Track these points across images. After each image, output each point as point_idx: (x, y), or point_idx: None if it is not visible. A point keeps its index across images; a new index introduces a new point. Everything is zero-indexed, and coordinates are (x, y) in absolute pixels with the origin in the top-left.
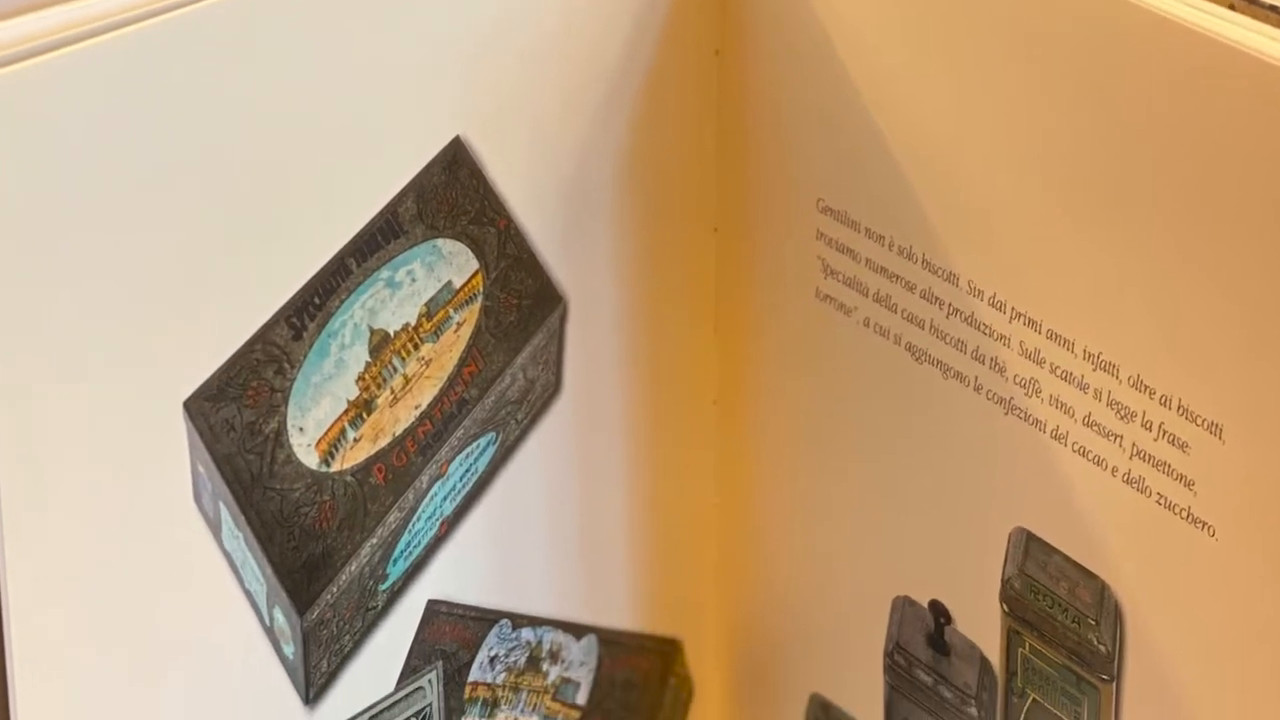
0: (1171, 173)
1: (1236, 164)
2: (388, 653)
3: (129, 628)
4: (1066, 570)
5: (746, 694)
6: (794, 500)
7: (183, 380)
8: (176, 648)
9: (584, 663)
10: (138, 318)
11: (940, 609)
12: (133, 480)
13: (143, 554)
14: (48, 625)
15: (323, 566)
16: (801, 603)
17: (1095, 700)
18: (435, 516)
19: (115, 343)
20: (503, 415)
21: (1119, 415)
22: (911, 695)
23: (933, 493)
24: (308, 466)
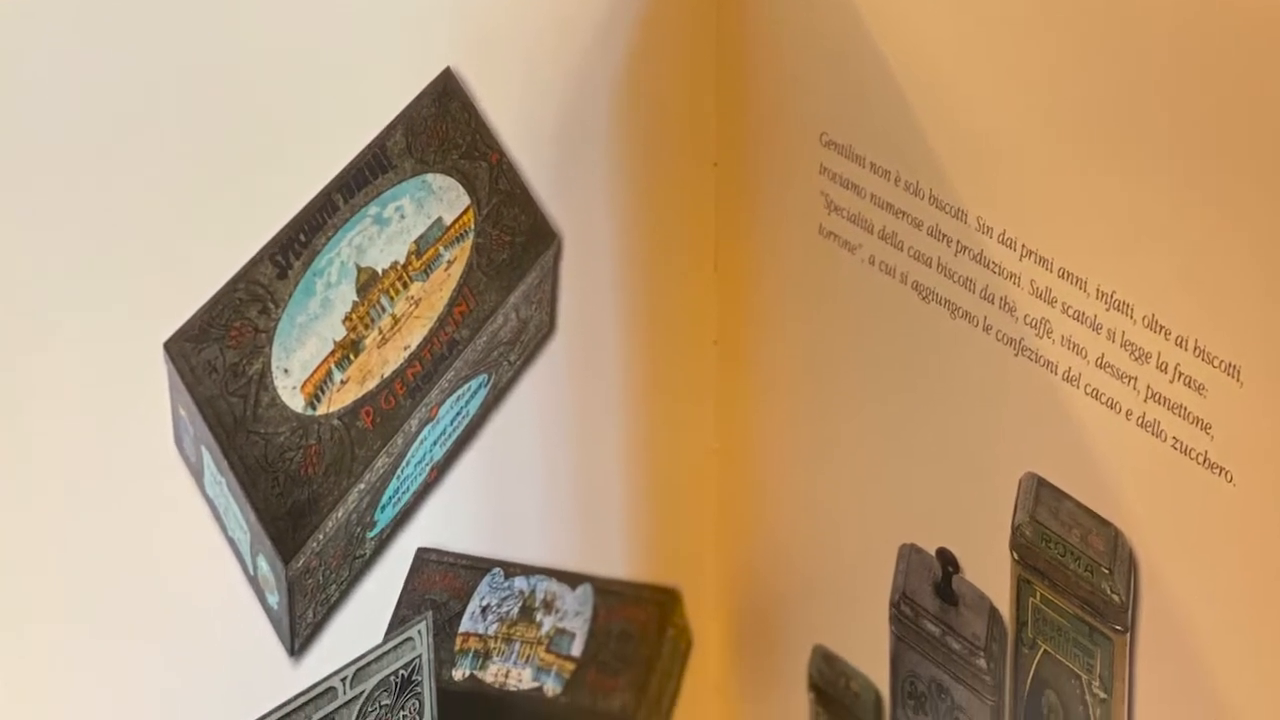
0: (1187, 105)
1: (1255, 96)
2: (376, 603)
3: (107, 577)
4: (1079, 517)
5: (747, 645)
6: (796, 445)
7: (163, 320)
8: (156, 598)
9: (579, 613)
10: (115, 256)
11: (948, 557)
12: (111, 425)
13: (121, 501)
14: (23, 574)
15: (308, 513)
16: (804, 551)
17: (1108, 651)
18: (425, 461)
19: (92, 282)
20: (495, 357)
21: (1133, 356)
22: (918, 646)
23: (940, 437)
24: (293, 409)
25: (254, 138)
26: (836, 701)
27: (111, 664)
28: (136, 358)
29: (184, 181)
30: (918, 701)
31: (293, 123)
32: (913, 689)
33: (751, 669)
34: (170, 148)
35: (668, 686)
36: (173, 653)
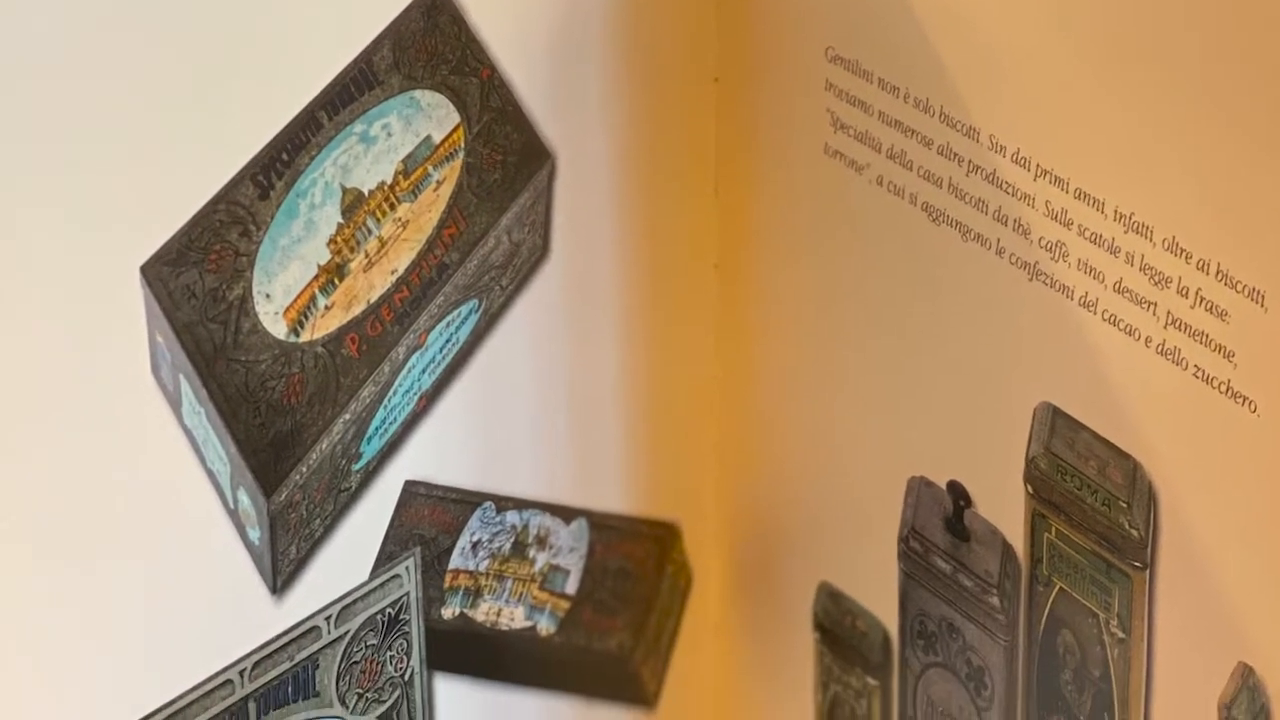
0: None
1: None
2: (362, 538)
3: (81, 511)
4: (1095, 448)
5: (749, 582)
6: (801, 374)
7: (139, 243)
8: (132, 533)
9: (574, 549)
10: (90, 176)
11: (959, 491)
12: (85, 352)
13: (96, 431)
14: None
15: (291, 445)
16: (809, 484)
17: (1127, 589)
18: (413, 391)
19: (65, 203)
20: (486, 281)
21: (1153, 281)
22: (928, 584)
23: (951, 365)
24: (275, 336)
25: (234, 52)
26: (842, 641)
27: (85, 602)
28: (111, 282)
29: (161, 97)
30: (927, 641)
31: (275, 37)
32: (922, 628)
33: (754, 607)
34: (146, 61)
35: (666, 625)
36: (148, 590)
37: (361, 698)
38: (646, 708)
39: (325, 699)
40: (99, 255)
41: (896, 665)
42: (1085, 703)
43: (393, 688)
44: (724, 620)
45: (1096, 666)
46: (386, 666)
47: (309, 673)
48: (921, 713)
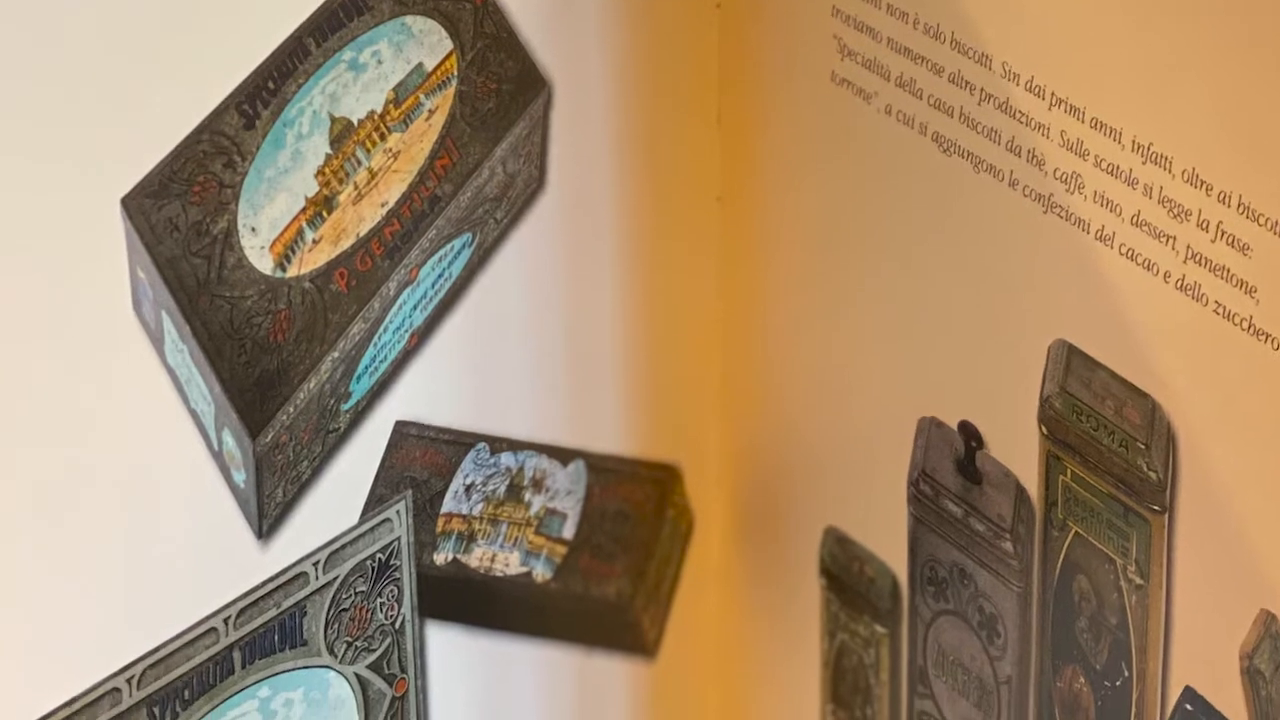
0: None
1: None
2: (351, 481)
3: (59, 453)
4: (1112, 388)
5: (753, 527)
6: (807, 310)
7: (120, 175)
8: (112, 475)
9: (571, 492)
10: (68, 104)
11: (971, 431)
12: (64, 287)
13: (75, 369)
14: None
15: (277, 384)
16: (815, 425)
17: (1145, 533)
18: (404, 328)
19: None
20: (480, 214)
21: (1171, 214)
22: (938, 528)
23: (963, 301)
24: (261, 271)
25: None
26: (850, 588)
27: (62, 547)
28: (91, 215)
29: (142, 23)
30: (938, 588)
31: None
32: (932, 574)
33: (758, 553)
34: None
35: (667, 571)
36: (129, 536)
37: (350, 646)
38: (646, 657)
39: (313, 647)
40: (78, 187)
41: (906, 613)
42: (1101, 651)
43: (383, 636)
44: (727, 566)
45: (1113, 614)
46: (376, 614)
47: (296, 620)
48: (932, 662)
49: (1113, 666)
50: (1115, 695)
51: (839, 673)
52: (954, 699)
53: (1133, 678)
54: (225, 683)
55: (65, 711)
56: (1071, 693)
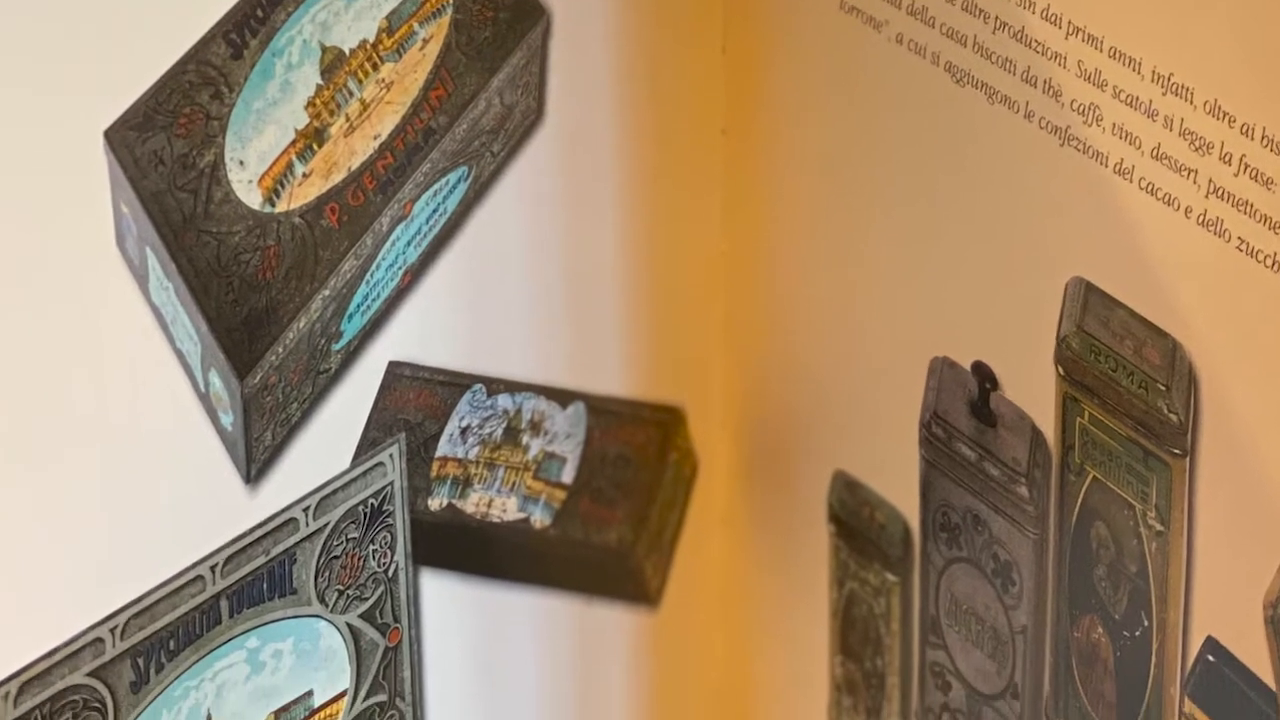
0: None
1: None
2: (342, 423)
3: (39, 395)
4: (1132, 327)
5: (759, 471)
6: (815, 247)
7: (103, 107)
8: (95, 418)
9: (570, 435)
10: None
11: (985, 372)
12: (45, 223)
13: (57, 308)
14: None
15: (266, 323)
16: (823, 365)
17: (1165, 478)
18: (397, 265)
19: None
20: (476, 147)
21: (1193, 146)
22: (951, 472)
23: (976, 237)
24: (249, 206)
25: None
26: (860, 534)
27: (44, 493)
28: (73, 148)
29: None
30: (951, 534)
31: None
32: (945, 520)
33: (764, 498)
34: None
35: (670, 517)
36: (112, 480)
37: (342, 595)
38: (648, 605)
39: (303, 596)
40: (59, 119)
41: (917, 560)
42: (1120, 600)
43: (375, 584)
44: (732, 512)
45: (1133, 562)
46: (369, 561)
47: (285, 568)
48: (944, 611)
49: (1132, 616)
50: (1134, 645)
51: (848, 623)
52: (967, 650)
53: (1152, 627)
54: (212, 633)
55: (45, 663)
56: (1089, 643)
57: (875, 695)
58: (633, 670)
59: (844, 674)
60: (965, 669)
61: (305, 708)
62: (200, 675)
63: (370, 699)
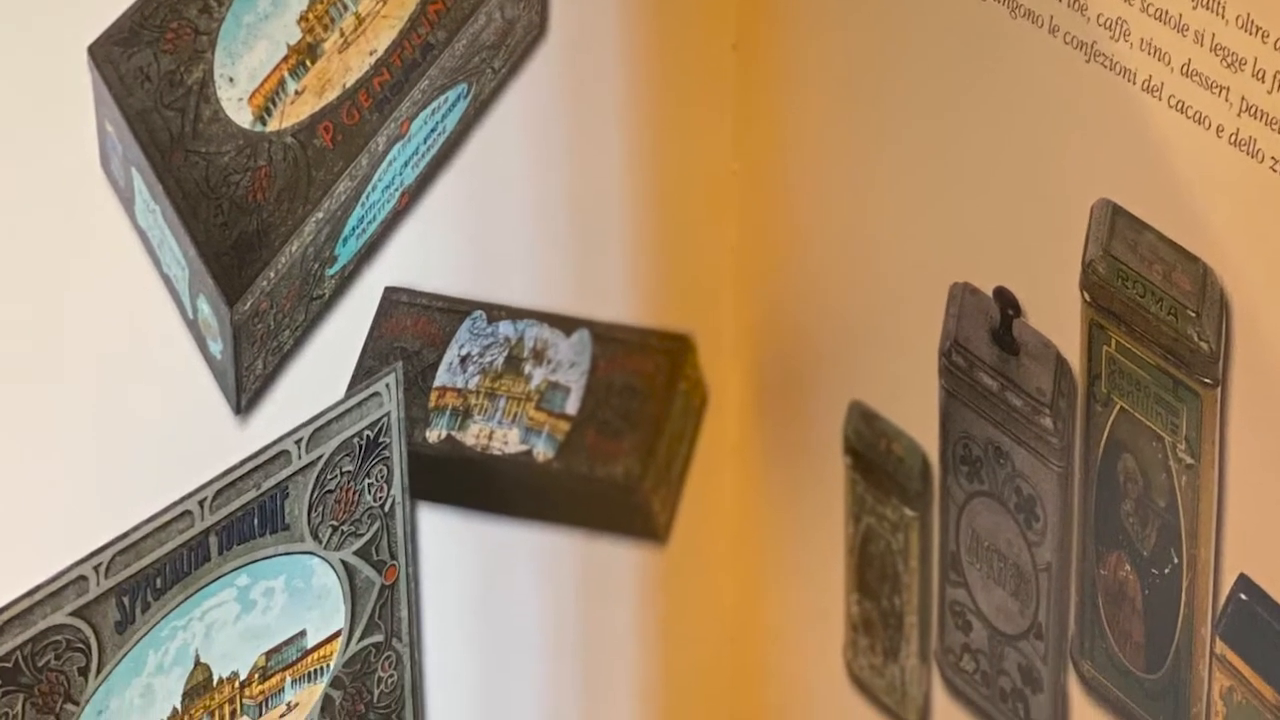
0: None
1: None
2: (336, 352)
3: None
4: (1161, 251)
5: (772, 402)
6: (830, 166)
7: (87, 21)
8: (79, 346)
9: (575, 364)
10: None
11: (1008, 298)
12: (25, 142)
13: (38, 231)
14: None
15: (257, 247)
16: (839, 291)
17: (1195, 408)
18: (394, 186)
19: None
20: (476, 63)
21: (1224, 63)
22: (972, 402)
23: (998, 157)
24: (239, 125)
25: None
26: (877, 467)
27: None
28: (56, 64)
29: None
30: (972, 467)
31: None
32: (966, 453)
33: (777, 429)
34: None
35: (678, 450)
36: (96, 411)
37: (336, 531)
38: (656, 541)
39: (295, 532)
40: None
41: (937, 494)
42: (1149, 536)
43: (371, 519)
44: (743, 444)
45: (1162, 496)
46: (364, 496)
47: (277, 503)
48: (965, 547)
49: (1161, 553)
50: (1164, 584)
51: (865, 559)
52: (989, 587)
53: (1182, 565)
54: (200, 570)
55: (27, 601)
56: (1116, 581)
57: (893, 635)
58: (640, 609)
59: (860, 613)
60: (987, 608)
61: (298, 648)
62: (188, 615)
63: (366, 639)
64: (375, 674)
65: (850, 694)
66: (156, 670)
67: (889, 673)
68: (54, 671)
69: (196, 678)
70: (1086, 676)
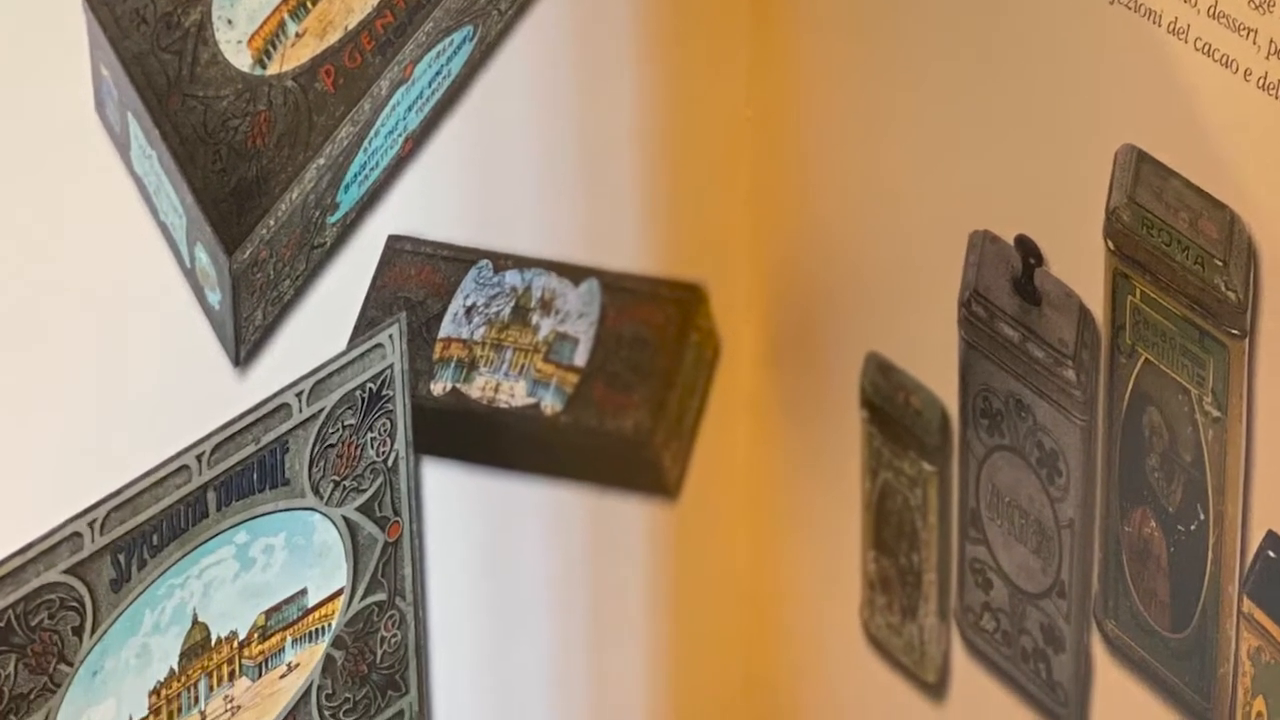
0: None
1: None
2: (338, 302)
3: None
4: (1187, 198)
5: (786, 353)
6: (847, 111)
7: None
8: (72, 296)
9: (583, 314)
10: None
11: (1029, 246)
12: (18, 86)
13: (30, 178)
14: None
15: (256, 194)
16: (855, 239)
17: (1223, 360)
18: (398, 132)
19: None
20: (482, 4)
21: (1252, 4)
22: (993, 354)
23: (1020, 101)
24: (238, 69)
25: None
26: (894, 420)
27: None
28: (49, 6)
29: None
30: (992, 420)
31: None
32: (986, 406)
33: (792, 381)
34: None
35: (690, 403)
36: (91, 363)
37: (338, 486)
38: (667, 497)
39: (296, 488)
40: None
41: (956, 449)
42: (1174, 492)
43: (374, 474)
44: (757, 397)
45: (1188, 450)
46: (367, 450)
47: (277, 457)
48: (985, 503)
49: (1187, 509)
50: (1190, 540)
51: (882, 516)
52: (1010, 544)
53: (1209, 521)
54: (198, 527)
55: (19, 559)
56: (1141, 538)
57: (911, 593)
58: (650, 567)
59: (877, 571)
60: (1008, 565)
61: (298, 607)
62: (185, 572)
63: (368, 598)
64: (378, 634)
65: (867, 654)
66: (153, 630)
67: (907, 632)
68: (47, 631)
69: (194, 637)
70: (1110, 636)
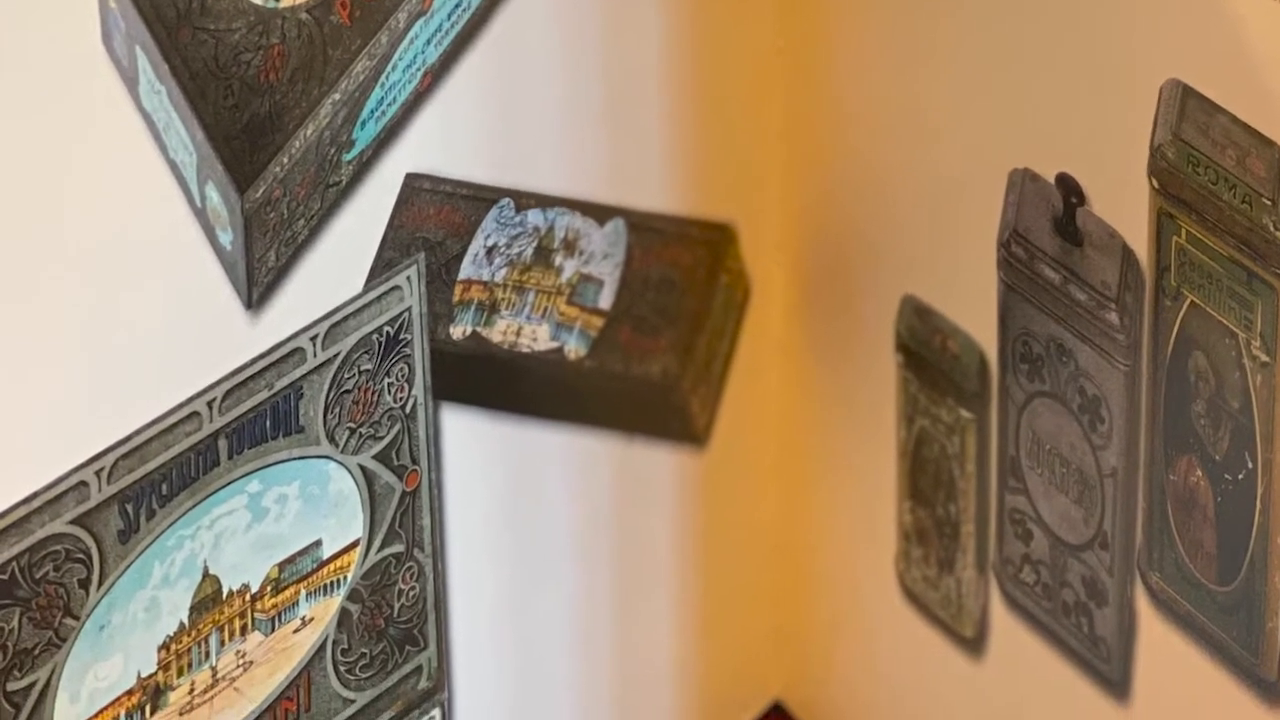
0: None
1: None
2: (354, 242)
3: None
4: (1234, 134)
5: (819, 295)
6: (881, 44)
7: None
8: (78, 235)
9: (609, 255)
10: None
11: (1071, 185)
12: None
13: (35, 113)
14: None
15: (269, 130)
16: (890, 178)
17: (1271, 302)
18: (416, 65)
19: None
20: None
21: None
22: (1033, 296)
23: (1061, 34)
24: (250, 1)
25: None
26: (930, 365)
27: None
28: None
29: None
30: (1032, 365)
31: None
32: (1026, 350)
33: (824, 325)
34: None
35: (719, 347)
36: (98, 304)
37: (354, 433)
38: (695, 444)
39: (310, 435)
40: None
41: (995, 395)
42: (1221, 439)
43: (391, 421)
44: (788, 341)
45: (1235, 396)
46: (384, 396)
47: (291, 403)
48: (1025, 451)
49: (1234, 457)
50: (1237, 490)
51: (918, 464)
52: (1051, 494)
53: (1257, 470)
54: (209, 476)
55: (24, 509)
56: (1187, 487)
57: (948, 545)
58: (678, 516)
59: (913, 521)
60: (1048, 516)
61: (313, 559)
62: (196, 523)
63: (385, 549)
64: (395, 586)
65: (902, 607)
66: (162, 582)
67: (944, 585)
68: (53, 584)
69: (205, 590)
70: (1155, 589)
